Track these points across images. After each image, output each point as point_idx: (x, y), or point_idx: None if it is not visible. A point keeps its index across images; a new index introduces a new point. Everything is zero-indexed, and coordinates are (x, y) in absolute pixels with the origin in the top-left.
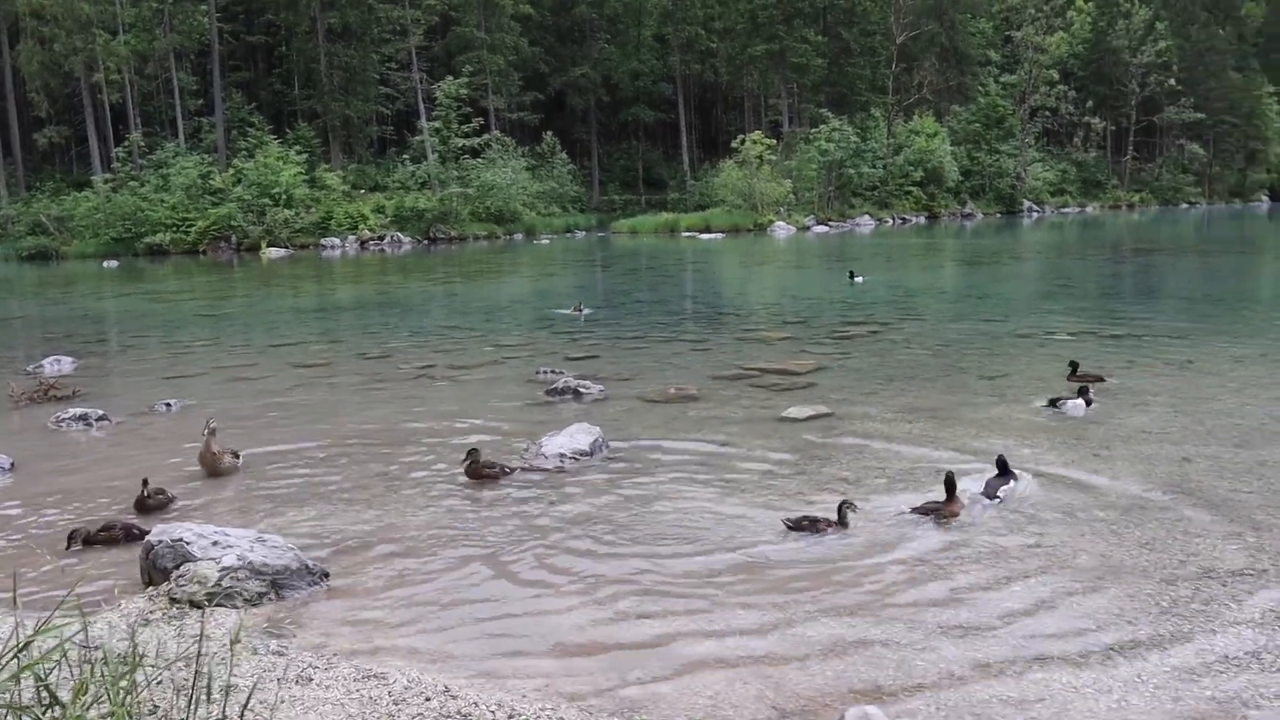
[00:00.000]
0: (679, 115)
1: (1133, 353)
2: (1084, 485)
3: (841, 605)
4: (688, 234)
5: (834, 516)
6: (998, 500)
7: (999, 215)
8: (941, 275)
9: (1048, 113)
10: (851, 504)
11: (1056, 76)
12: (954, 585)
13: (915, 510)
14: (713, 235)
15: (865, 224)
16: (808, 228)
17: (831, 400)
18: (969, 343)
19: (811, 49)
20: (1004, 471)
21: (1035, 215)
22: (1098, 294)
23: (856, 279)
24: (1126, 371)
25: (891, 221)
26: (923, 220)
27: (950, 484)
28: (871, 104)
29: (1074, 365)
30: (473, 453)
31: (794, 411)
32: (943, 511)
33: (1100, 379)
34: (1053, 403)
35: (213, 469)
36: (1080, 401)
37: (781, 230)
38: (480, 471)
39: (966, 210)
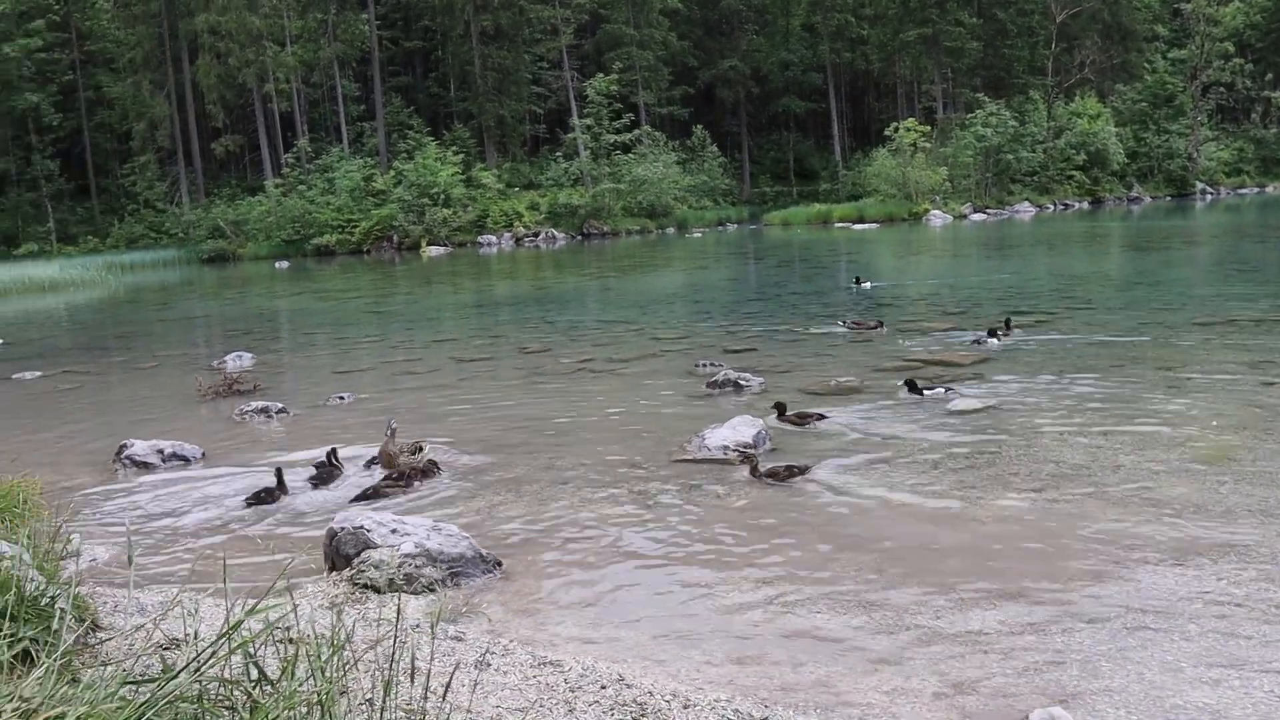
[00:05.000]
0: (830, 105)
1: None
2: None
3: (1020, 603)
4: (841, 225)
5: None
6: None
7: (1169, 198)
8: (1108, 262)
9: (1222, 88)
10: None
11: (1232, 49)
12: (1137, 584)
13: None
14: (866, 225)
15: (1025, 211)
16: (965, 216)
17: (999, 392)
18: (1142, 332)
19: (966, 32)
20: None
21: (1209, 197)
22: None
23: (863, 284)
24: None
25: (1053, 207)
26: (1086, 205)
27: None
28: (1030, 86)
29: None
30: None
31: (960, 404)
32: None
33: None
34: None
35: (391, 467)
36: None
37: (937, 219)
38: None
39: (1133, 194)
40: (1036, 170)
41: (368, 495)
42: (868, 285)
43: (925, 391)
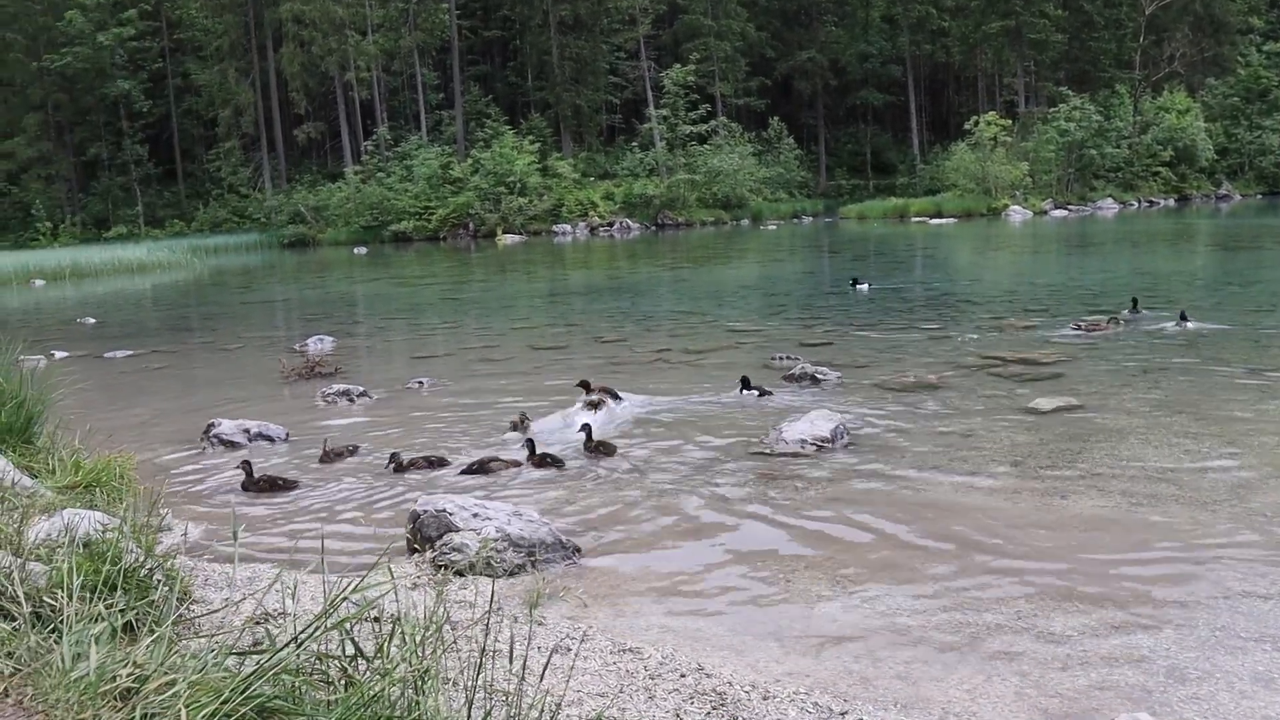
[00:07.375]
0: (908, 97)
1: None
2: None
3: (1106, 607)
4: (917, 219)
5: None
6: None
7: (1259, 196)
8: (1196, 260)
9: None
10: None
11: None
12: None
13: None
14: (944, 220)
15: (1108, 207)
16: (1045, 212)
17: (1081, 392)
18: (1230, 333)
19: (1050, 24)
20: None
21: None
22: None
23: (860, 286)
24: None
25: (1137, 205)
26: (1172, 203)
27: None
28: (1116, 80)
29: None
30: None
31: (1041, 403)
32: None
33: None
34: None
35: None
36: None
37: (1017, 215)
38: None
39: (1222, 191)
40: (1121, 166)
41: (473, 470)
42: (864, 287)
43: (744, 391)
